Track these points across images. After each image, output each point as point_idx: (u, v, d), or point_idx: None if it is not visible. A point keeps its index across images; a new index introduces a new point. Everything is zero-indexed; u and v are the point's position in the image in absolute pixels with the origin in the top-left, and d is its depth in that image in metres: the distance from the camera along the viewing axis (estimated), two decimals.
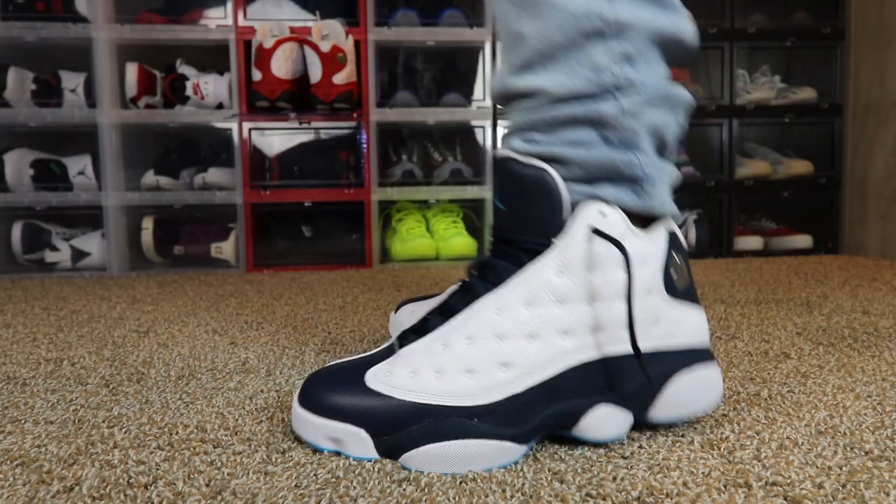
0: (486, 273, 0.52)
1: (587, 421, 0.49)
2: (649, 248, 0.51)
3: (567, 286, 0.49)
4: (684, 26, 0.53)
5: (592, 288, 0.49)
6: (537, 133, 0.52)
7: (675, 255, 0.52)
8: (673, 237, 0.52)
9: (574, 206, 0.50)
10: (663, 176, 0.53)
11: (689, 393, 0.52)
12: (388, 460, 0.48)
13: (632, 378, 0.50)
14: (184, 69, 1.77)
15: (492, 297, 0.50)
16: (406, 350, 0.51)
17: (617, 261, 0.49)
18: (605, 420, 0.50)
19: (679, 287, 0.52)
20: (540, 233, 0.50)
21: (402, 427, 0.47)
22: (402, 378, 0.49)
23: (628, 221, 0.50)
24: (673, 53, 0.53)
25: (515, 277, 0.49)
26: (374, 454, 0.48)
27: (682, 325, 0.52)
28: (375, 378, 0.49)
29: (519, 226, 0.51)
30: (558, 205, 0.49)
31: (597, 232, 0.48)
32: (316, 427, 0.49)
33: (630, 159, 0.51)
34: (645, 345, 0.50)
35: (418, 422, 0.47)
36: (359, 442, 0.48)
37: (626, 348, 0.49)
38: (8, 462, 0.49)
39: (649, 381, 0.50)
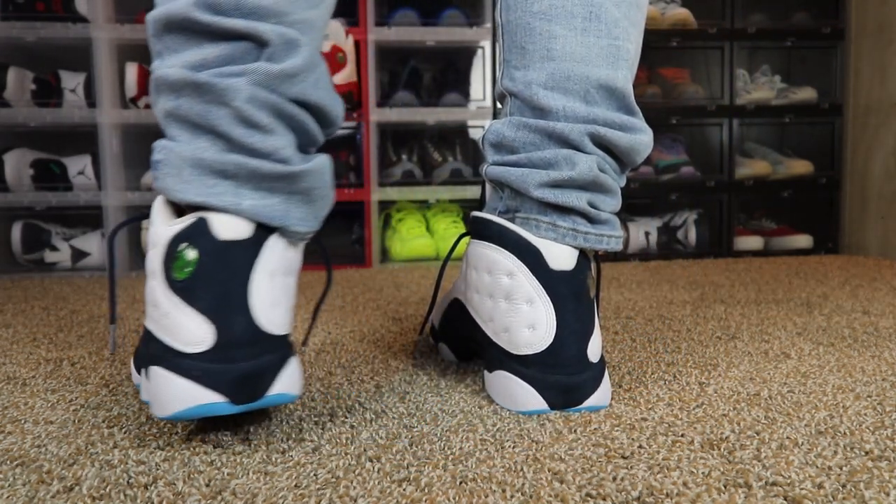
0: None
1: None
2: (160, 232, 0.51)
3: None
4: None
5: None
6: None
7: (181, 246, 0.49)
8: (192, 230, 0.50)
9: None
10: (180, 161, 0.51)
11: (150, 389, 0.50)
12: (386, 460, 0.48)
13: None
14: None
15: None
16: None
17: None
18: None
19: (179, 284, 0.49)
20: None
21: None
22: None
23: (162, 206, 0.53)
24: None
25: None
26: None
27: (168, 319, 0.49)
28: None
29: None
30: None
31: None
32: None
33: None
34: (147, 322, 0.52)
35: None
36: None
37: None
38: (8, 462, 0.49)
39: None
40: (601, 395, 0.59)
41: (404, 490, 0.43)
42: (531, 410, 0.58)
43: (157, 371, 0.49)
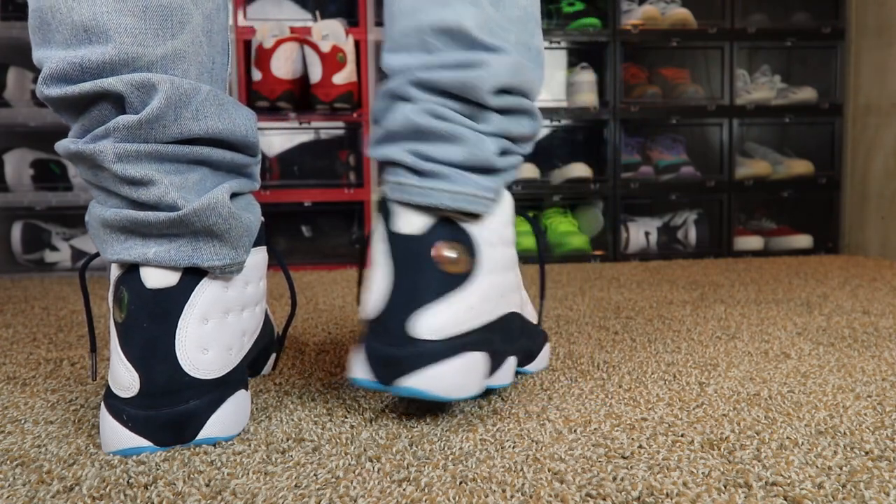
0: None
1: None
2: (112, 271, 0.53)
3: None
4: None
5: None
6: None
7: (121, 290, 0.51)
8: (127, 276, 0.52)
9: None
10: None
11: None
12: (386, 460, 0.48)
13: None
14: None
15: None
16: None
17: None
18: None
19: (118, 325, 0.52)
20: None
21: None
22: None
23: None
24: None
25: None
26: None
27: (111, 360, 0.53)
28: None
29: None
30: None
31: None
32: None
33: None
34: None
35: None
36: None
37: None
38: (8, 462, 0.49)
39: None
40: (435, 378, 0.52)
41: (404, 490, 0.43)
42: (358, 380, 0.55)
43: (101, 408, 0.52)
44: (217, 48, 0.55)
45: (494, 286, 0.57)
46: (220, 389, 0.53)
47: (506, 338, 0.60)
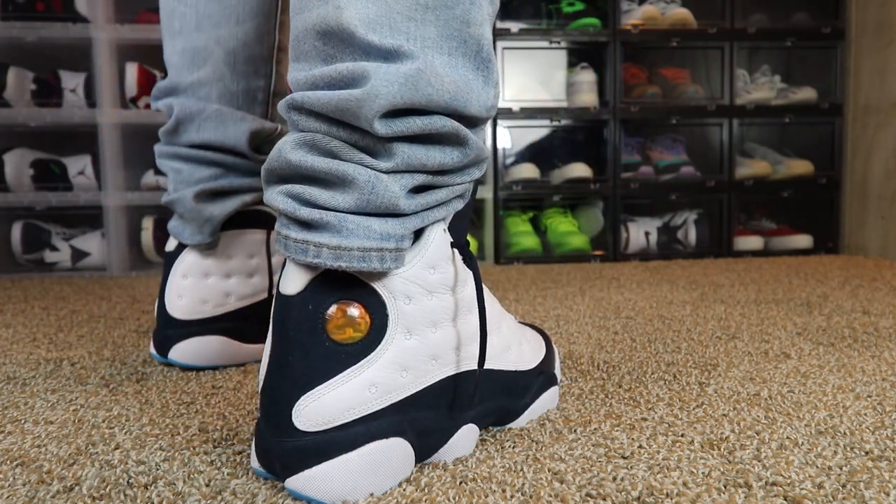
0: None
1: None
2: None
3: None
4: None
5: None
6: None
7: None
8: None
9: None
10: None
11: None
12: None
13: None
14: None
15: None
16: None
17: None
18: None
19: None
20: None
21: None
22: None
23: None
24: None
25: None
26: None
27: None
28: None
29: None
30: None
31: None
32: None
33: None
34: None
35: None
36: None
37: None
38: (8, 462, 0.49)
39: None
40: (321, 480, 0.41)
41: (404, 490, 0.43)
42: (255, 469, 0.46)
43: None
44: (243, 73, 0.74)
45: (416, 350, 0.45)
46: (188, 328, 0.74)
47: (450, 406, 0.47)
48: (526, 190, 1.89)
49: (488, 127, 1.84)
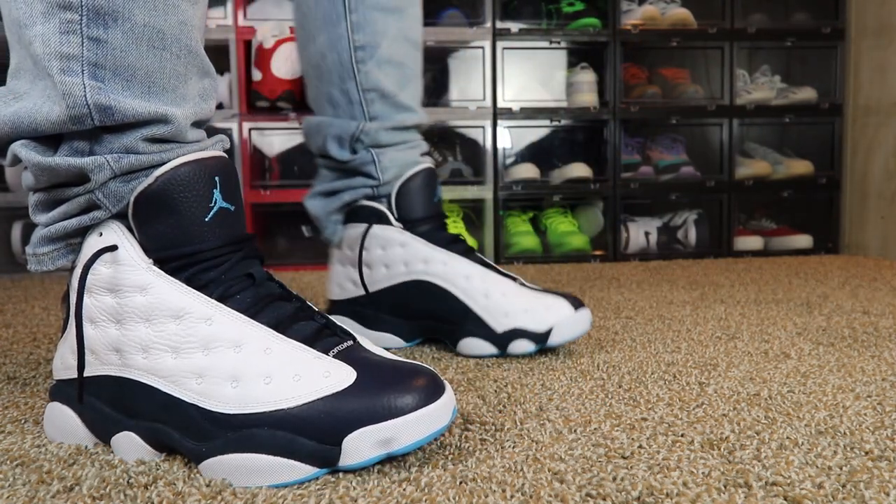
0: None
1: None
2: None
3: None
4: None
5: None
6: None
7: None
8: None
9: None
10: None
11: None
12: (386, 460, 0.48)
13: None
14: None
15: None
16: None
17: None
18: None
19: None
20: None
21: None
22: None
23: None
24: None
25: None
26: None
27: None
28: None
29: None
30: None
31: None
32: None
33: None
34: None
35: None
36: None
37: None
38: (8, 462, 0.49)
39: None
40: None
41: (404, 490, 0.43)
42: None
43: None
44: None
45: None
46: None
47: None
48: (526, 190, 1.89)
49: (489, 129, 1.84)
